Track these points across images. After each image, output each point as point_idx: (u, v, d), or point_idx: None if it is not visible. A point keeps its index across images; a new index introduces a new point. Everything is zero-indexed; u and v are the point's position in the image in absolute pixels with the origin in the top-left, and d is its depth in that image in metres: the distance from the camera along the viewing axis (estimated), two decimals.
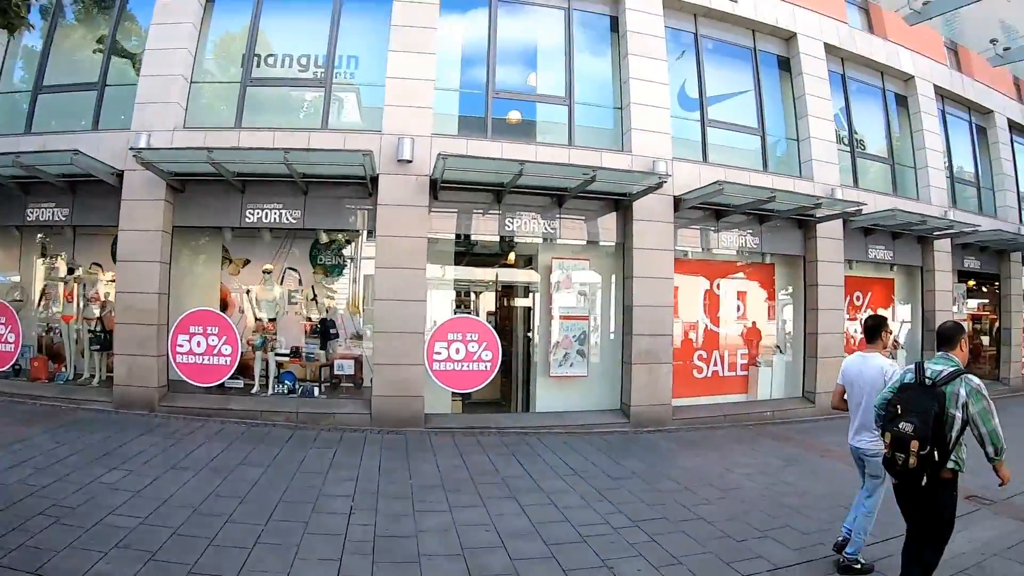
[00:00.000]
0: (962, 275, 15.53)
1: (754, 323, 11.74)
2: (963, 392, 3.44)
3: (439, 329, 9.39)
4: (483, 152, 9.25)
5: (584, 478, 6.75)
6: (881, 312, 13.64)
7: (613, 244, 10.52)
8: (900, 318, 13.93)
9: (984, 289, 17.47)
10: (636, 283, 10.05)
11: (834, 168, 12.04)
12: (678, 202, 10.33)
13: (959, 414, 3.41)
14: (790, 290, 12.26)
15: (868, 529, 4.55)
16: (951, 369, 3.55)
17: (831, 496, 6.40)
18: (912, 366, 3.73)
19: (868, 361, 4.56)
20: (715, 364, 11.29)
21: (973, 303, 17.24)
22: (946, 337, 3.77)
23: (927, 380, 3.53)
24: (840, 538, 4.72)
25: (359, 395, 9.93)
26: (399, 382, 9.06)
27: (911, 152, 14.33)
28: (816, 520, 5.70)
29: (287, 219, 9.57)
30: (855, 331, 12.86)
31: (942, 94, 15.41)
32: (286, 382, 9.86)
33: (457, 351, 9.34)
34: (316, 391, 9.83)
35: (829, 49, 12.86)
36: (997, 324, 16.98)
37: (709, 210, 10.86)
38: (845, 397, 4.79)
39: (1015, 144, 17.94)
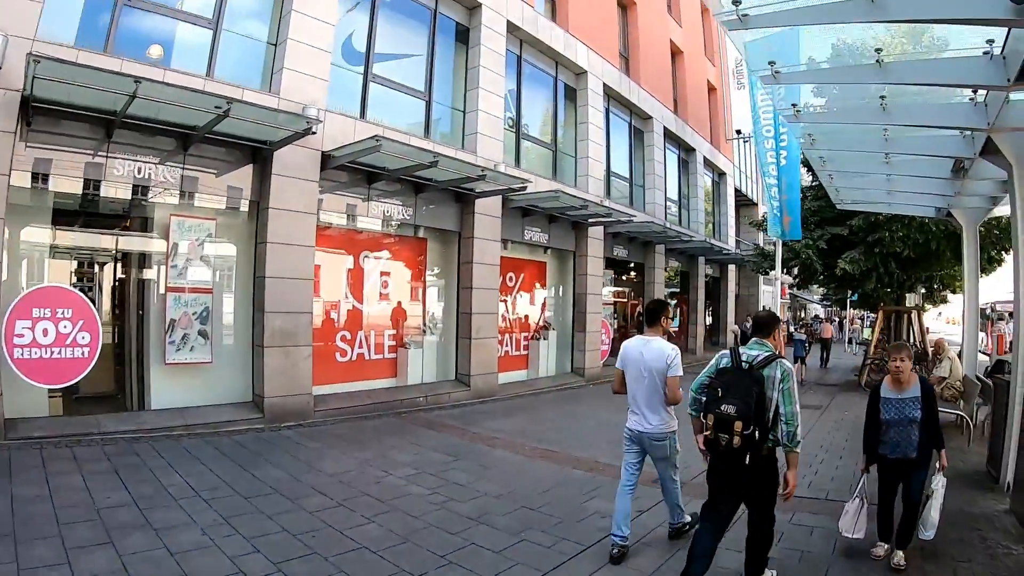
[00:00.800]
0: (610, 262, 17.55)
1: (400, 303, 11.55)
2: (778, 374, 3.73)
3: (20, 303, 7.05)
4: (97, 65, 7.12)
5: (209, 501, 5.34)
6: (537, 292, 14.66)
7: (247, 202, 9.23)
8: (543, 300, 15.18)
9: (624, 277, 20.09)
10: (271, 250, 8.95)
11: (498, 145, 12.44)
12: (327, 159, 9.50)
13: (776, 395, 3.71)
14: (442, 268, 12.37)
15: (679, 500, 4.78)
16: (767, 354, 3.83)
17: (511, 497, 5.86)
18: (727, 352, 3.96)
19: (650, 345, 4.60)
20: (360, 346, 10.79)
21: (618, 288, 19.73)
22: (762, 325, 4.09)
23: (744, 364, 3.77)
24: (615, 550, 4.51)
25: None
26: None
27: (574, 142, 15.67)
28: (503, 532, 4.99)
29: None
30: (506, 312, 13.54)
31: (609, 94, 17.20)
32: None
33: (45, 332, 7.16)
34: None
35: (511, 28, 13.28)
36: (639, 309, 19.63)
37: (361, 172, 10.25)
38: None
39: (667, 150, 20.97)
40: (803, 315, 47.66)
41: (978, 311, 10.26)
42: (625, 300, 19.72)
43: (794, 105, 5.83)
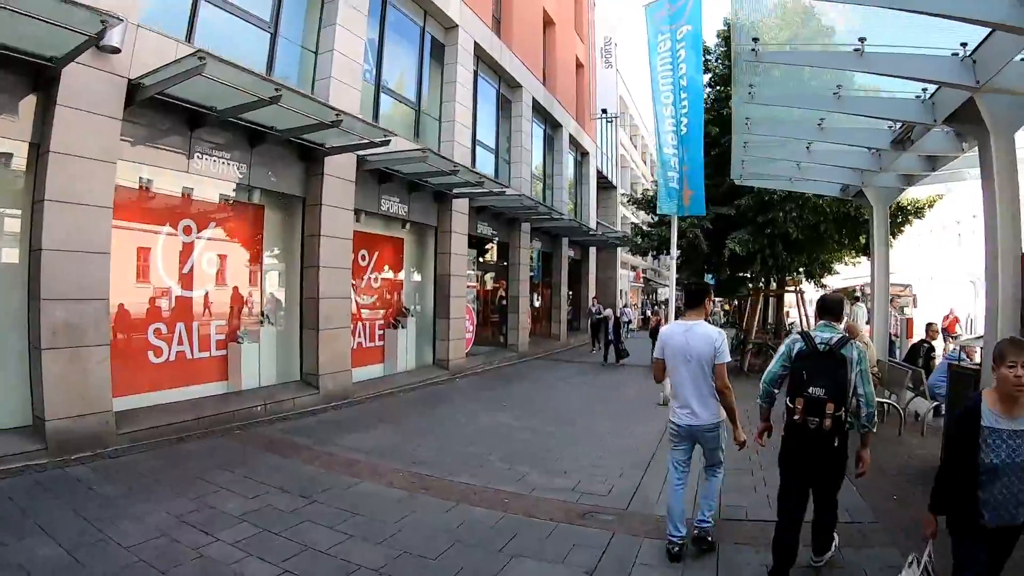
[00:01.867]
0: (473, 240, 16.60)
1: (230, 285, 9.76)
2: (855, 355, 3.90)
3: None
4: None
5: None
6: (394, 273, 13.42)
7: (25, 145, 6.93)
8: (400, 282, 13.99)
9: (482, 260, 19.47)
10: (51, 212, 6.78)
11: (356, 95, 10.96)
12: (135, 91, 7.49)
13: (853, 376, 3.88)
14: (282, 241, 10.68)
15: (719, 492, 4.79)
16: (839, 336, 3.99)
17: (398, 567, 4.24)
18: (798, 335, 4.17)
19: (694, 330, 4.53)
20: (180, 342, 8.88)
21: (480, 271, 18.97)
22: (831, 308, 4.27)
23: (821, 346, 3.95)
24: (675, 548, 4.46)
25: None
26: None
27: (439, 103, 14.59)
28: None
29: None
30: (359, 296, 12.15)
31: (480, 55, 16.28)
32: None
33: None
34: None
35: None
36: (500, 292, 18.98)
37: (181, 112, 8.32)
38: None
39: (535, 124, 20.39)
40: (654, 298, 50.26)
41: (888, 294, 10.64)
42: (482, 284, 18.94)
43: (755, 40, 5.42)
